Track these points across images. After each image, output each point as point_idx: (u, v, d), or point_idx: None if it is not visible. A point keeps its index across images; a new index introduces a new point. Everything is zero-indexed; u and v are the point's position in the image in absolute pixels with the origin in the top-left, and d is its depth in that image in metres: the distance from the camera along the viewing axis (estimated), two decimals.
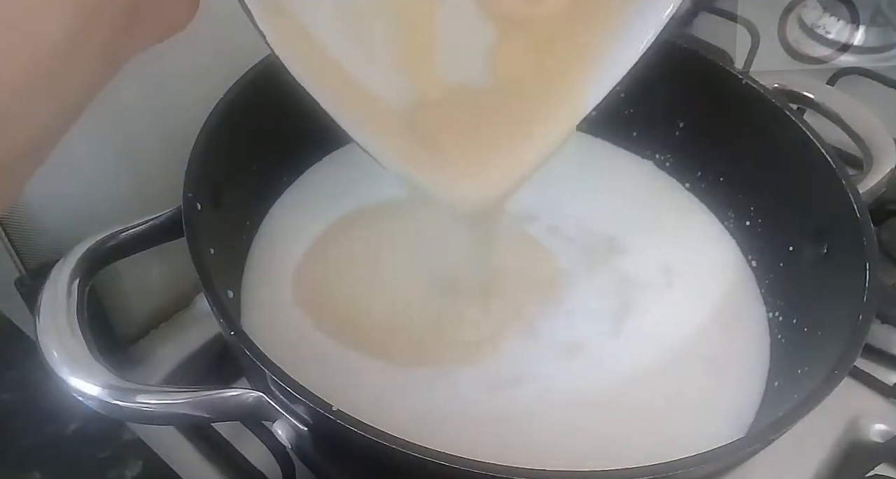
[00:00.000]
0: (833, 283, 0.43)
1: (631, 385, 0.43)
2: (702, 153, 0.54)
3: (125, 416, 0.36)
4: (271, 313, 0.45)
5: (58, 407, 0.41)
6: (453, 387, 0.43)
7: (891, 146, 0.49)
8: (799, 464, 0.45)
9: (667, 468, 0.31)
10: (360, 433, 0.30)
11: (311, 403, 0.32)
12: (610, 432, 0.42)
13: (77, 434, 0.43)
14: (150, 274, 0.47)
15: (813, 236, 0.45)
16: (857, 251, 0.41)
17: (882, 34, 0.70)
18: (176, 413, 0.35)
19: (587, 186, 0.54)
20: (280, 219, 0.50)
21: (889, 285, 0.51)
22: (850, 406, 0.47)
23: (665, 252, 0.51)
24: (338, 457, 0.38)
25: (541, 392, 0.43)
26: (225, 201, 0.43)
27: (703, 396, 0.44)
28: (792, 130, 0.47)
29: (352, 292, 0.46)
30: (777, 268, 0.49)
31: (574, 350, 0.45)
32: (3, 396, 0.44)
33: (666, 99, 0.53)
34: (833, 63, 0.68)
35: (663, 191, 0.55)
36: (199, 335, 0.48)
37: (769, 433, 0.34)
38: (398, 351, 0.43)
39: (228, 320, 0.35)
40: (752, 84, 0.49)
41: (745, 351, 0.46)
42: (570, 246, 0.50)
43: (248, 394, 0.35)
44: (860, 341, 0.37)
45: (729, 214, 0.53)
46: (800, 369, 0.42)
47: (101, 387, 0.34)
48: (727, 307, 0.48)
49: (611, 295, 0.48)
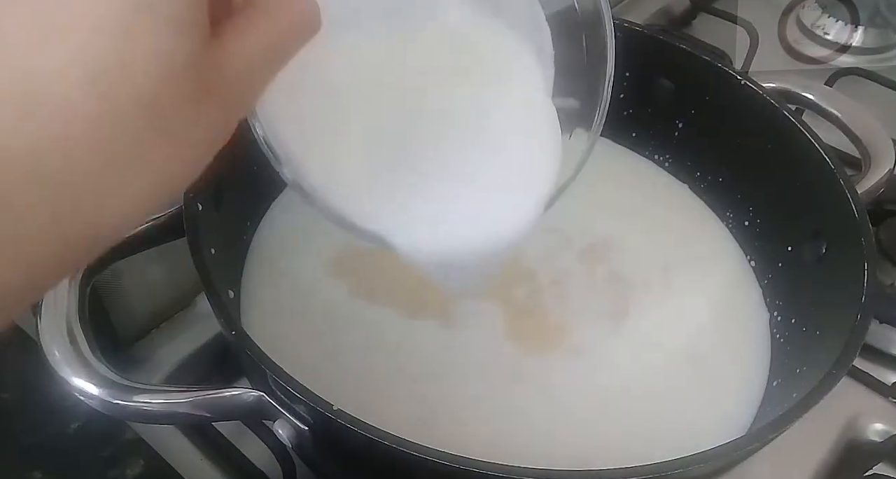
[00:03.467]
0: (831, 283, 0.43)
1: (630, 385, 0.44)
2: (701, 154, 0.54)
3: (126, 415, 0.37)
4: (271, 312, 0.45)
5: (59, 407, 0.41)
6: (458, 386, 0.43)
7: (889, 147, 0.49)
8: (798, 463, 0.45)
9: (666, 467, 0.31)
10: (361, 433, 0.30)
11: (312, 402, 0.32)
12: (609, 431, 0.42)
13: (78, 433, 0.43)
14: (151, 274, 0.47)
15: (811, 237, 0.46)
16: (856, 251, 0.41)
17: (880, 35, 0.70)
18: (177, 413, 0.35)
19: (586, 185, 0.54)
20: (280, 218, 0.50)
21: (887, 284, 0.51)
22: (849, 406, 0.48)
23: (665, 251, 0.51)
24: (338, 456, 0.38)
25: (541, 391, 0.43)
26: (225, 202, 0.43)
27: (704, 395, 0.44)
28: (790, 130, 0.47)
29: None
30: (776, 268, 0.49)
31: (573, 350, 0.45)
32: (5, 395, 0.44)
33: (665, 100, 0.53)
34: (832, 64, 0.68)
35: (664, 189, 0.55)
36: (199, 335, 0.48)
37: (768, 433, 0.34)
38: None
39: (229, 319, 0.35)
40: (750, 85, 0.49)
41: (746, 350, 0.47)
42: (569, 245, 0.50)
43: (249, 393, 0.35)
44: (858, 340, 0.37)
45: (728, 214, 0.53)
46: (798, 368, 0.42)
47: (102, 387, 0.34)
48: (727, 307, 0.49)
49: (610, 295, 0.48)
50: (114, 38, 0.18)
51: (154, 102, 0.19)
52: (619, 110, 0.55)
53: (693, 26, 0.74)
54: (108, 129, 0.19)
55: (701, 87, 0.51)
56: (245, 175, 0.46)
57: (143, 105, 0.19)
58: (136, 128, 0.19)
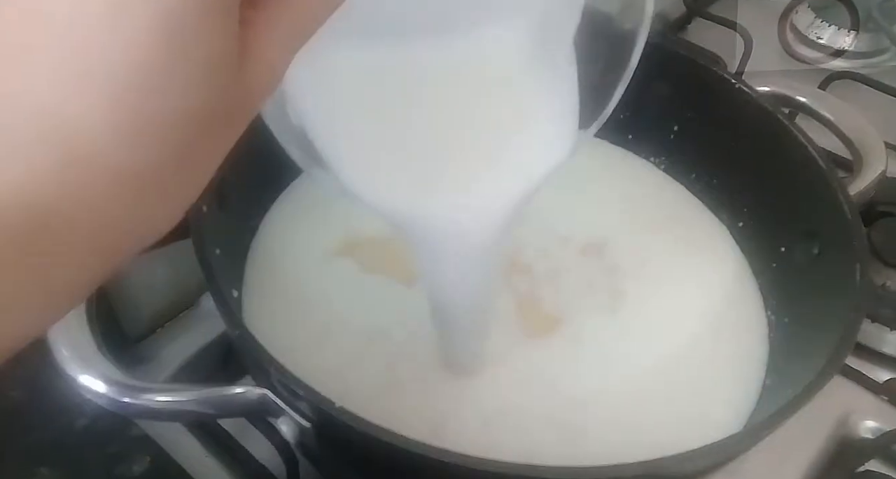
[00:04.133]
0: (824, 283, 0.44)
1: (624, 382, 0.44)
2: (696, 156, 0.54)
3: (132, 413, 0.37)
4: (275, 311, 0.46)
5: (66, 404, 0.41)
6: (462, 389, 0.43)
7: (881, 149, 0.50)
8: (791, 460, 0.45)
9: (659, 464, 0.31)
10: (364, 430, 0.31)
11: (315, 400, 0.32)
12: (606, 428, 0.42)
13: (85, 431, 0.43)
14: (157, 274, 0.47)
15: (804, 238, 0.46)
16: (848, 252, 0.41)
17: (873, 39, 0.71)
18: (182, 410, 0.36)
19: (584, 185, 0.54)
20: (283, 218, 0.51)
21: (879, 284, 0.52)
22: (841, 403, 0.48)
23: (662, 250, 0.51)
24: (341, 453, 0.38)
25: (541, 390, 0.43)
26: (230, 202, 0.43)
27: (700, 393, 0.45)
28: (784, 133, 0.47)
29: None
30: (769, 268, 0.49)
31: (569, 345, 0.46)
32: (13, 393, 0.44)
33: (660, 103, 0.54)
34: (825, 68, 0.68)
35: (660, 189, 0.56)
36: (204, 334, 0.48)
37: (760, 430, 0.35)
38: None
39: (233, 318, 0.36)
40: (744, 88, 0.49)
41: (740, 349, 0.47)
42: (567, 244, 0.51)
43: (253, 391, 0.35)
44: (851, 339, 0.38)
45: (722, 215, 0.53)
46: (791, 367, 0.43)
47: (108, 384, 0.35)
48: (723, 306, 0.49)
49: (605, 292, 0.49)
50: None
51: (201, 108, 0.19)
52: (614, 114, 0.55)
53: (688, 31, 0.74)
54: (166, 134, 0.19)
55: (696, 90, 0.52)
56: (249, 176, 0.47)
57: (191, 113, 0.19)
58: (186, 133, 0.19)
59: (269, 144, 0.48)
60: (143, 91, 0.17)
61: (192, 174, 0.21)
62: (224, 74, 0.19)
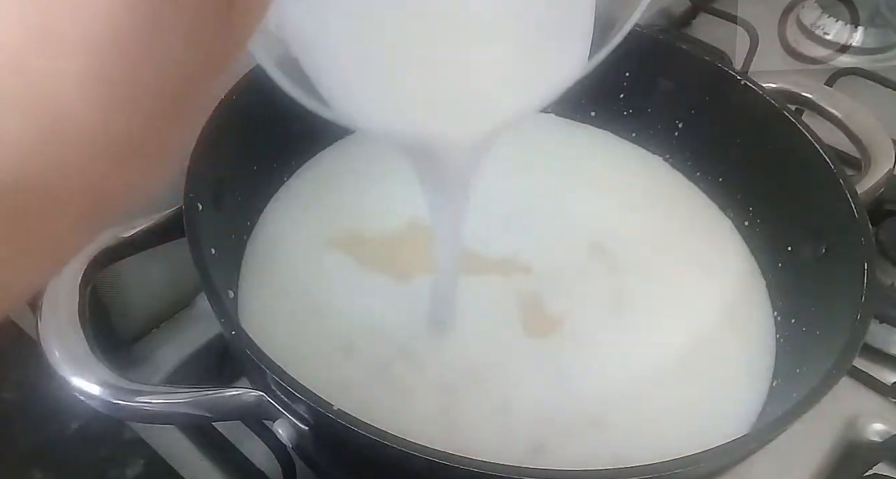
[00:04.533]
0: (831, 283, 0.43)
1: (630, 383, 0.43)
2: (701, 154, 0.54)
3: (126, 415, 0.37)
4: (271, 312, 0.45)
5: (59, 406, 0.41)
6: (462, 388, 0.43)
7: (889, 147, 0.49)
8: (798, 463, 0.45)
9: (666, 467, 0.31)
10: (361, 433, 0.31)
11: (312, 402, 0.32)
12: (610, 430, 0.41)
13: (78, 433, 0.43)
14: (152, 274, 0.47)
15: (811, 237, 0.46)
16: (855, 251, 0.41)
17: (881, 35, 0.70)
18: (177, 413, 0.35)
19: (588, 182, 0.54)
20: (279, 218, 0.50)
21: (887, 284, 0.51)
22: (849, 406, 0.48)
23: (667, 249, 0.51)
24: (338, 456, 0.38)
25: (543, 390, 0.43)
26: (226, 202, 0.43)
27: (706, 395, 0.44)
28: (790, 130, 0.47)
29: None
30: (776, 268, 0.49)
31: (570, 345, 0.45)
32: (5, 395, 0.44)
33: (665, 100, 0.53)
34: (832, 64, 0.68)
35: (667, 186, 0.55)
36: (199, 335, 0.48)
37: (768, 432, 0.34)
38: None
39: (229, 319, 0.35)
40: (750, 85, 0.49)
41: (749, 350, 0.46)
42: (570, 242, 0.50)
43: (249, 393, 0.35)
44: (858, 340, 0.37)
45: (728, 214, 0.53)
46: (798, 368, 0.42)
47: (102, 386, 0.34)
48: (730, 306, 0.48)
49: (610, 290, 0.48)
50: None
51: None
52: (619, 110, 0.56)
53: (693, 26, 0.74)
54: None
55: (701, 87, 0.52)
56: (245, 175, 0.47)
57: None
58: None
59: (263, 144, 0.48)
60: (130, 46, 0.16)
61: (180, 131, 0.19)
62: (215, 18, 0.18)
